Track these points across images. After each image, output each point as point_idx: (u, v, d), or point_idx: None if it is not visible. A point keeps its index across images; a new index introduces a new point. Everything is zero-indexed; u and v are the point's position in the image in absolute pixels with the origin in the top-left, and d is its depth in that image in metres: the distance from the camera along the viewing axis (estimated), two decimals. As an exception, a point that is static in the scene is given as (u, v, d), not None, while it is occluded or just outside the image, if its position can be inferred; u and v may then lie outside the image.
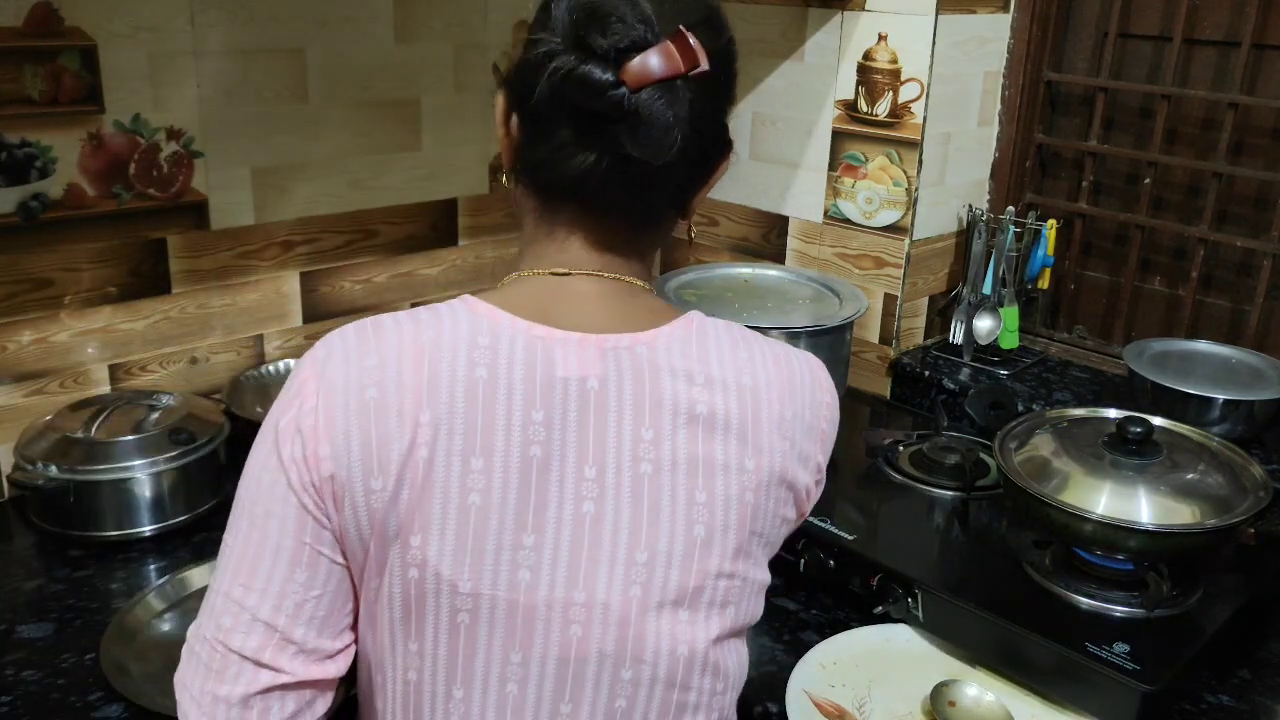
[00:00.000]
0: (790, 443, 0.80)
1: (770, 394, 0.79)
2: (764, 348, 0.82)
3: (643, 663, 0.77)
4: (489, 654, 0.76)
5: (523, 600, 0.74)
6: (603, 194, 0.76)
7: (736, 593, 0.80)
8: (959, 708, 1.13)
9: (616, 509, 0.75)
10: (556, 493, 0.74)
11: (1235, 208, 1.76)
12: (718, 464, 0.76)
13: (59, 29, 1.41)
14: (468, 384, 0.73)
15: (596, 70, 0.71)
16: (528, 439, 0.73)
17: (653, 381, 0.75)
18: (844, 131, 1.85)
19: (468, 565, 0.73)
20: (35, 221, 1.45)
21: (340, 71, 1.70)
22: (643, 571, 0.75)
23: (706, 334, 0.80)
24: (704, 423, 0.76)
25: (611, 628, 0.76)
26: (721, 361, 0.78)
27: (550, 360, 0.74)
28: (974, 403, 1.69)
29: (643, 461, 0.75)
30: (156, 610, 1.27)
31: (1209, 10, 1.72)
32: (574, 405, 0.74)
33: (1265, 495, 1.22)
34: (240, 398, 1.65)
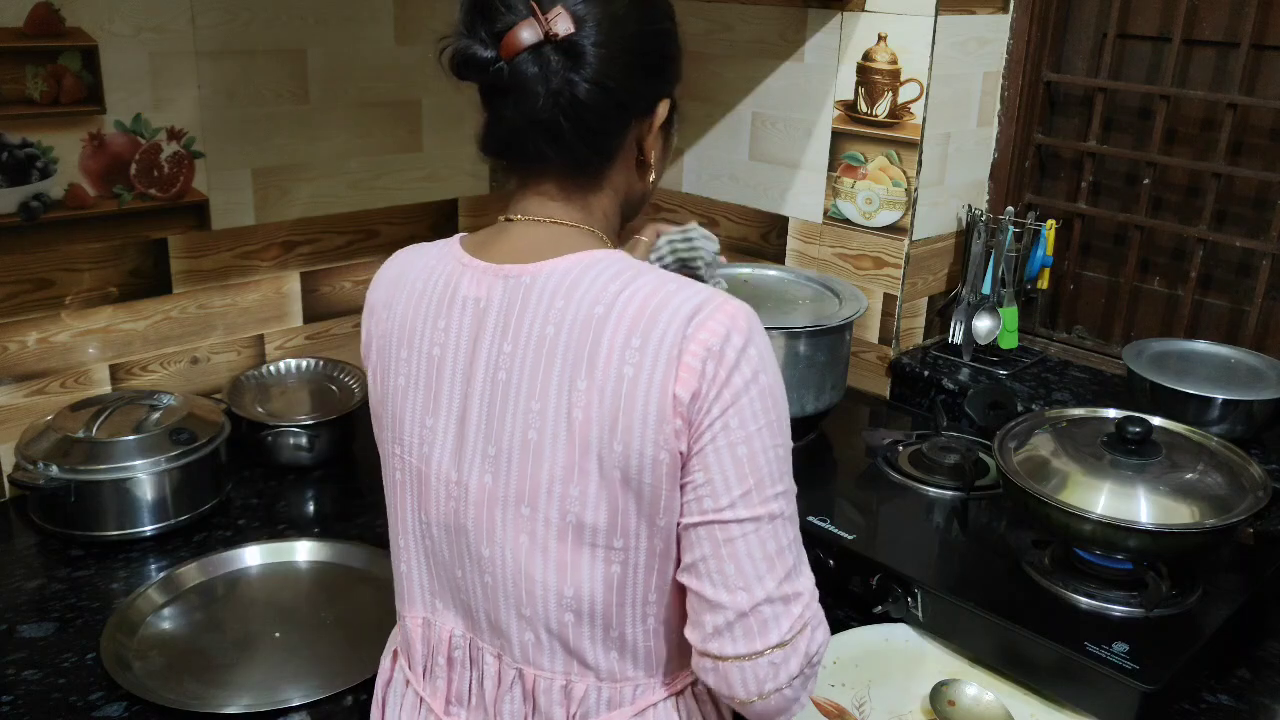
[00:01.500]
0: (635, 369, 0.82)
1: (620, 322, 0.83)
2: (648, 283, 0.84)
3: (495, 543, 0.89)
4: (413, 510, 0.96)
5: (424, 470, 0.93)
6: (522, 152, 0.89)
7: (577, 505, 0.85)
8: (959, 707, 1.13)
9: (481, 407, 0.88)
10: (448, 388, 0.91)
11: (1234, 208, 1.76)
12: (554, 379, 0.84)
13: (60, 29, 1.41)
14: (409, 295, 0.94)
15: (479, 49, 0.85)
16: (432, 341, 0.92)
17: (522, 305, 0.87)
18: (844, 132, 1.85)
19: (399, 434, 0.94)
20: (36, 222, 1.45)
21: (341, 72, 1.70)
22: (492, 464, 0.88)
23: (591, 268, 0.86)
24: (549, 342, 0.85)
25: (471, 506, 0.90)
26: (585, 291, 0.85)
27: (460, 283, 0.91)
28: (973, 403, 1.69)
29: (499, 370, 0.87)
30: (157, 605, 1.27)
31: (1208, 11, 1.72)
32: (468, 320, 0.90)
33: (1264, 495, 1.22)
34: (241, 398, 1.65)
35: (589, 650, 0.90)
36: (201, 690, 1.14)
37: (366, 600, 1.30)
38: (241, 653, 1.20)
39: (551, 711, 0.92)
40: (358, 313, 1.84)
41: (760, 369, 0.83)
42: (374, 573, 1.35)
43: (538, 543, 0.87)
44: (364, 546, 1.40)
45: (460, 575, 0.94)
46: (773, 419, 0.84)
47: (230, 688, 1.14)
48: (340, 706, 1.13)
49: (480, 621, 0.94)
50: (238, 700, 1.13)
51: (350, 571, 1.36)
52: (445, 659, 0.97)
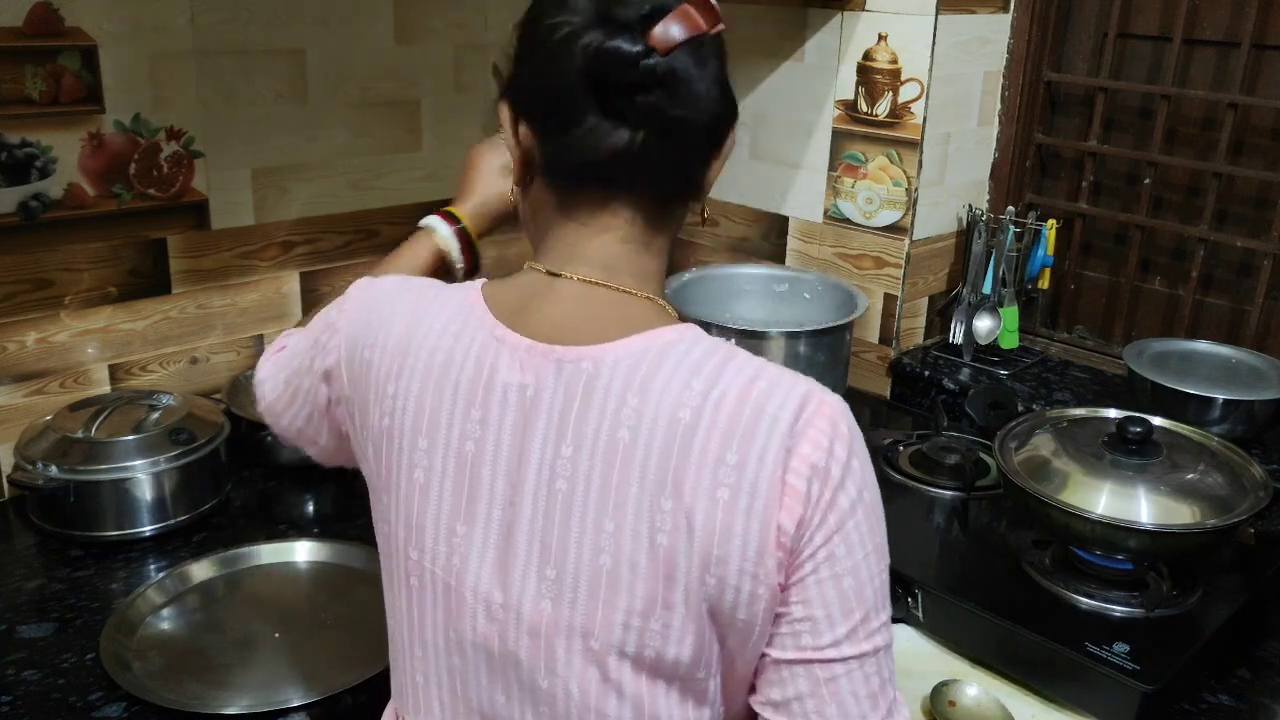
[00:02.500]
0: (731, 493, 0.70)
1: (712, 433, 0.70)
2: (735, 378, 0.72)
3: (556, 675, 0.76)
4: (435, 624, 0.81)
5: (455, 585, 0.79)
6: (636, 170, 0.76)
7: (658, 639, 0.73)
8: (959, 708, 1.13)
9: (531, 520, 0.75)
10: (486, 491, 0.77)
11: (1235, 208, 1.76)
12: (630, 496, 0.72)
13: (59, 29, 1.41)
14: (425, 369, 0.78)
15: (625, 43, 0.71)
16: (464, 434, 0.77)
17: (585, 398, 0.73)
18: (844, 131, 1.85)
19: (414, 536, 0.80)
20: (35, 221, 1.45)
21: (340, 72, 1.70)
22: (552, 588, 0.75)
23: (668, 355, 0.73)
24: (623, 450, 0.72)
25: (525, 635, 0.76)
26: (667, 388, 0.72)
27: (496, 365, 0.76)
28: (974, 403, 1.69)
29: (559, 478, 0.74)
30: (157, 605, 1.27)
31: (1209, 10, 1.72)
32: (511, 410, 0.76)
33: (1265, 495, 1.22)
34: (240, 398, 1.65)
35: None
36: (201, 690, 1.14)
37: (366, 600, 1.30)
38: (241, 653, 1.20)
39: None
40: (357, 313, 1.84)
41: (864, 484, 0.73)
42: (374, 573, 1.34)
43: (611, 680, 0.75)
44: (364, 547, 1.39)
45: (503, 702, 0.80)
46: (878, 540, 0.75)
47: (230, 688, 1.14)
48: (340, 707, 1.13)
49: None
50: (237, 701, 1.12)
51: (350, 572, 1.36)
52: None
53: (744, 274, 1.82)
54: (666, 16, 0.71)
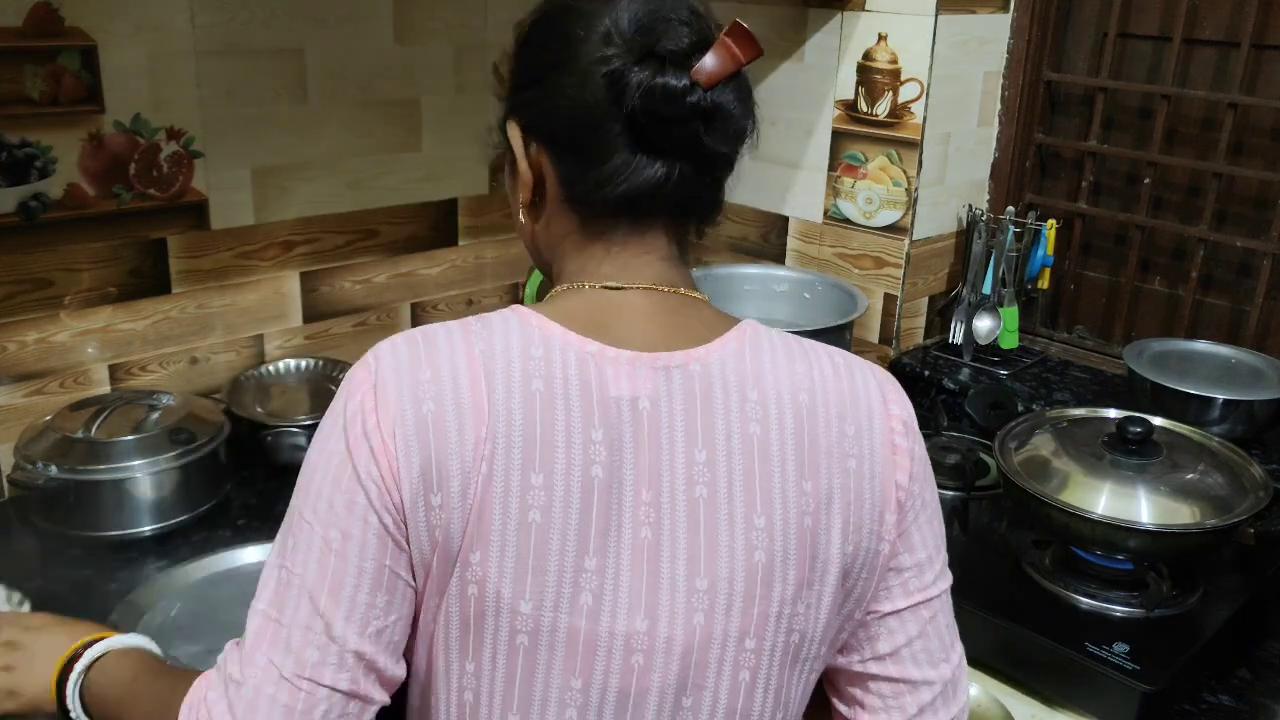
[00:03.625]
0: (857, 461, 0.75)
1: (829, 410, 0.74)
2: (822, 359, 0.77)
3: (704, 689, 0.74)
4: (548, 679, 0.73)
5: (584, 626, 0.71)
6: (668, 203, 0.75)
7: (803, 621, 0.75)
8: (959, 708, 1.13)
9: (674, 535, 0.72)
10: (617, 516, 0.71)
11: (1235, 208, 1.76)
12: (775, 486, 0.72)
13: (59, 29, 1.41)
14: (524, 396, 0.70)
15: (672, 79, 0.70)
16: (588, 458, 0.70)
17: (705, 401, 0.73)
18: (844, 131, 1.85)
19: (529, 585, 0.70)
20: (35, 222, 1.45)
21: (340, 71, 1.70)
22: (704, 599, 0.72)
23: (761, 347, 0.76)
24: (759, 443, 0.72)
25: (675, 659, 0.73)
26: (777, 376, 0.74)
27: (603, 378, 0.71)
28: (974, 403, 1.69)
29: (697, 485, 0.72)
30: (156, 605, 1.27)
31: (1209, 10, 1.72)
32: (628, 426, 0.71)
33: (1265, 495, 1.22)
34: (240, 398, 1.65)
35: None
36: (201, 691, 1.14)
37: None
38: (241, 653, 1.20)
39: None
40: (357, 312, 1.84)
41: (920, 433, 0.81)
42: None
43: (760, 675, 0.75)
44: (364, 547, 1.39)
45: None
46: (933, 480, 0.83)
47: (229, 688, 1.14)
48: (340, 707, 1.12)
49: None
50: (237, 701, 1.12)
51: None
52: None
53: (744, 274, 1.82)
54: (710, 50, 0.70)
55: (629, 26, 0.72)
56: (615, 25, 0.72)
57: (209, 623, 1.25)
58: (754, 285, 1.80)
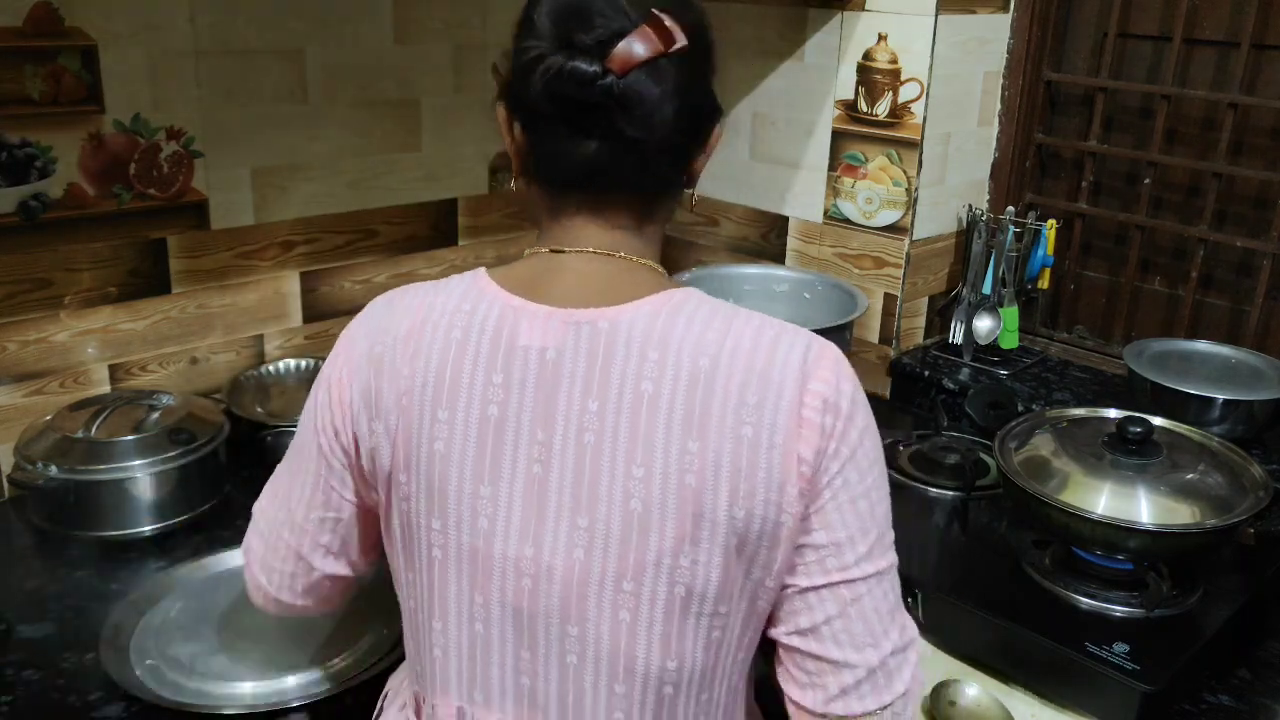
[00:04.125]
0: (753, 429, 0.76)
1: (730, 377, 0.77)
2: (745, 328, 0.79)
3: (587, 622, 0.81)
4: (459, 591, 0.84)
5: (481, 547, 0.82)
6: (608, 177, 0.82)
7: (687, 575, 0.79)
8: (959, 708, 1.13)
9: (561, 474, 0.80)
10: (510, 452, 0.80)
11: (1235, 208, 1.76)
12: (658, 442, 0.77)
13: (59, 29, 1.41)
14: (444, 344, 0.82)
15: (583, 64, 0.76)
16: (486, 399, 0.81)
17: (606, 355, 0.79)
18: (844, 131, 1.85)
19: (436, 505, 0.83)
20: (35, 221, 1.45)
21: (340, 71, 1.70)
22: (584, 536, 0.79)
23: (681, 311, 0.80)
24: (648, 400, 0.78)
25: (556, 586, 0.81)
26: (683, 340, 0.78)
27: (516, 329, 0.81)
28: (974, 403, 1.69)
29: (587, 431, 0.79)
30: (156, 605, 1.27)
31: (1209, 10, 1.72)
32: (532, 372, 0.80)
33: (1265, 495, 1.22)
34: (240, 398, 1.65)
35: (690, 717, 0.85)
36: (201, 690, 1.14)
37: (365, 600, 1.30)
38: (241, 653, 1.20)
39: None
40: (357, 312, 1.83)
41: (867, 413, 0.82)
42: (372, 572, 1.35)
43: (641, 619, 0.80)
44: (363, 547, 1.39)
45: (528, 659, 0.84)
46: (882, 465, 0.83)
47: (230, 688, 1.14)
48: (340, 706, 1.13)
49: (549, 707, 0.84)
50: (237, 700, 1.12)
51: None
52: None
53: (744, 274, 1.82)
54: (624, 39, 0.76)
55: (551, 18, 0.79)
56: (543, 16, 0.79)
57: (209, 623, 1.25)
58: (754, 285, 1.80)
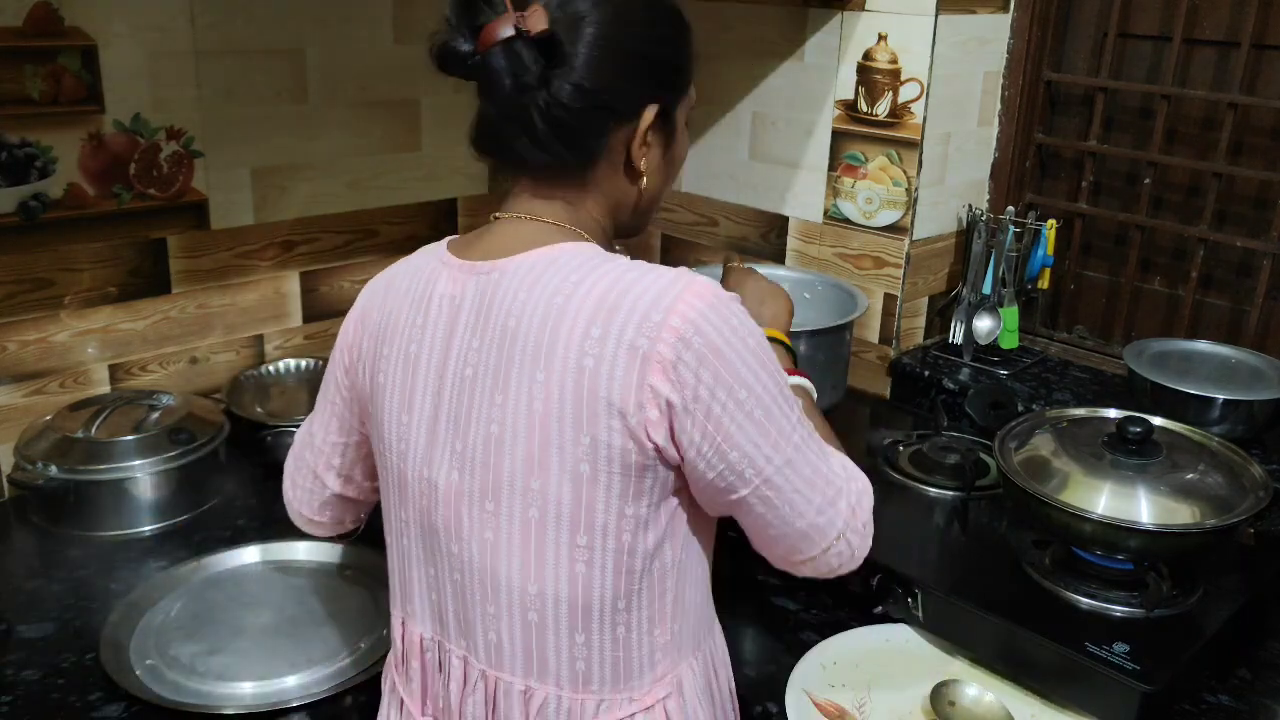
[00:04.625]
0: (595, 361, 0.81)
1: (580, 312, 0.82)
2: (611, 271, 0.85)
3: (464, 540, 0.90)
4: (396, 508, 0.97)
5: (403, 468, 0.93)
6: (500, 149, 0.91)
7: (539, 499, 0.85)
8: (959, 708, 1.13)
9: (449, 403, 0.89)
10: (421, 386, 0.91)
11: (1235, 208, 1.76)
12: (514, 372, 0.84)
13: (59, 29, 1.41)
14: (397, 294, 0.95)
15: (459, 42, 0.87)
16: (408, 339, 0.93)
17: (490, 299, 0.87)
18: (844, 131, 1.85)
19: (382, 430, 0.95)
20: (35, 221, 1.45)
21: (340, 71, 1.70)
22: (459, 460, 0.89)
23: (557, 260, 0.87)
24: (510, 335, 0.85)
25: (441, 505, 0.91)
26: (547, 283, 0.85)
27: (437, 280, 0.92)
28: (974, 403, 1.69)
29: (467, 366, 0.88)
30: (156, 604, 1.27)
31: (1209, 10, 1.72)
32: (443, 317, 0.91)
33: (1265, 495, 1.22)
34: (240, 397, 1.65)
35: (551, 656, 0.89)
36: (200, 690, 1.14)
37: (365, 600, 1.30)
38: (241, 653, 1.20)
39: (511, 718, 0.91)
40: (357, 312, 1.84)
41: (744, 333, 0.84)
42: (372, 573, 1.35)
43: (501, 538, 0.88)
44: (362, 547, 1.39)
45: (433, 574, 0.94)
46: (769, 368, 0.85)
47: (229, 688, 1.14)
48: (340, 707, 1.13)
49: (449, 622, 0.94)
50: (237, 700, 1.12)
51: (349, 572, 1.36)
52: (419, 662, 0.98)
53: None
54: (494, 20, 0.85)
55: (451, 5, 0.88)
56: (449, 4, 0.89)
57: (209, 623, 1.25)
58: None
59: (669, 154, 0.97)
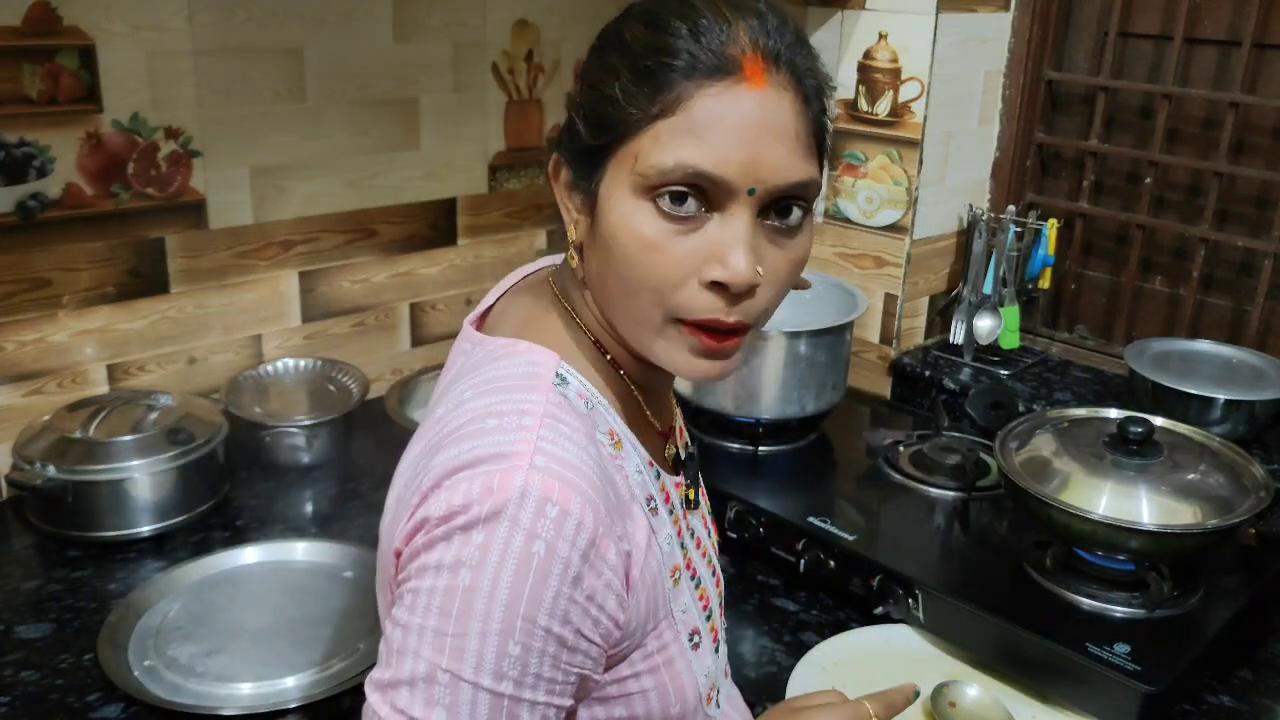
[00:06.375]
0: (395, 503, 0.76)
1: (427, 439, 0.74)
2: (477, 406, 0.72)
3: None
4: None
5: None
6: None
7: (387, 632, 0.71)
8: (959, 708, 1.13)
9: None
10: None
11: (1236, 207, 1.76)
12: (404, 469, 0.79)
13: (57, 28, 1.41)
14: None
15: None
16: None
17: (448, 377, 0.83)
18: (844, 131, 1.84)
19: None
20: (33, 221, 1.45)
21: (339, 71, 1.69)
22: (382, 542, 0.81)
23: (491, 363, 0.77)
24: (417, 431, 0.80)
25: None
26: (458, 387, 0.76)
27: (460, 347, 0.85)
28: (974, 403, 1.69)
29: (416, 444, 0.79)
30: (154, 605, 1.27)
31: (1210, 9, 1.72)
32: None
33: (1266, 495, 1.22)
34: (239, 398, 1.64)
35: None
36: (199, 691, 1.13)
37: (365, 602, 1.29)
38: (240, 654, 1.20)
39: None
40: (356, 312, 1.84)
41: (469, 563, 0.65)
42: (373, 574, 1.35)
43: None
44: (363, 547, 1.39)
45: None
46: (448, 630, 0.65)
47: (228, 688, 1.14)
48: (339, 708, 1.12)
49: None
50: (236, 701, 1.12)
51: (349, 572, 1.36)
52: None
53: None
54: None
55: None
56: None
57: (208, 623, 1.25)
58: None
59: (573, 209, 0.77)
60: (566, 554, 0.66)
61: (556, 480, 0.66)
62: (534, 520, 0.65)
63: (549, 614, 0.65)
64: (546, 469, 0.67)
